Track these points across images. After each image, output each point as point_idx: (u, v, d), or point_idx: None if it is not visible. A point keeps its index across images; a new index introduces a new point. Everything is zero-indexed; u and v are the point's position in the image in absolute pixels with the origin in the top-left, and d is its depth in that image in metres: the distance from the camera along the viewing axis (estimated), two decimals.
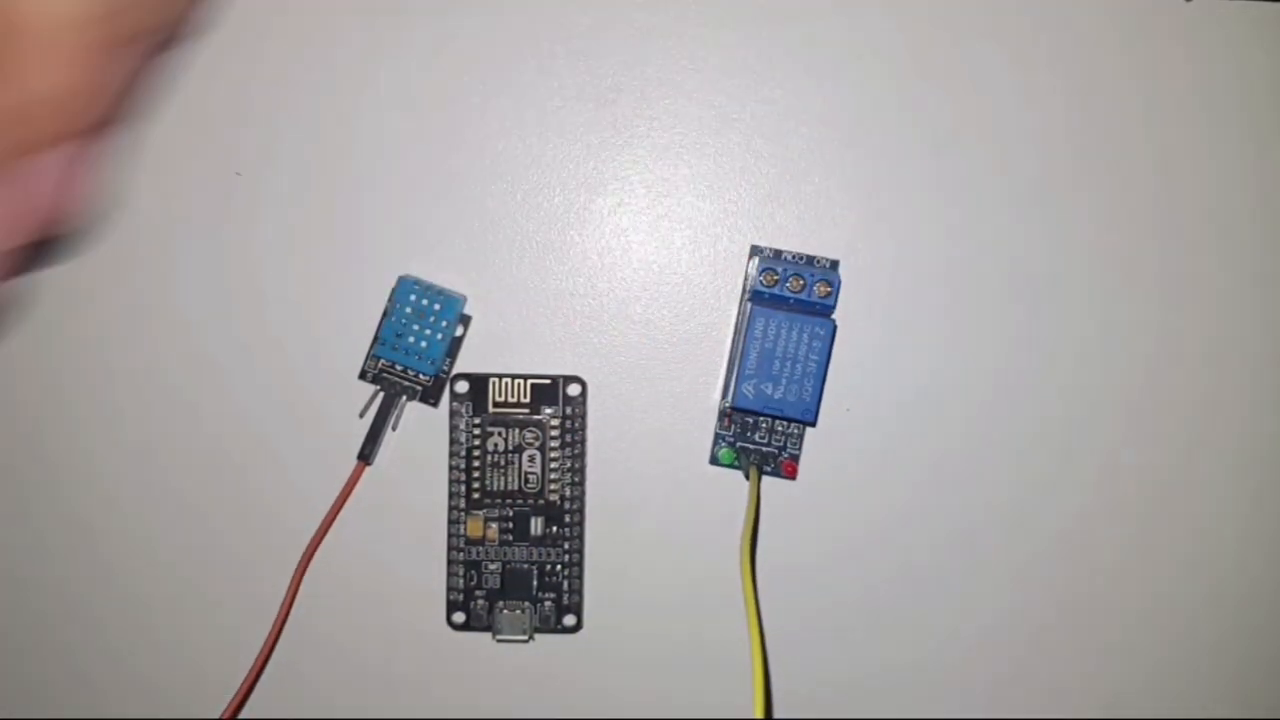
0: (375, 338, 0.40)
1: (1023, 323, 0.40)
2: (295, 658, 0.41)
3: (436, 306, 0.39)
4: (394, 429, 0.40)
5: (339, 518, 0.40)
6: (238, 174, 0.40)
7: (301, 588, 0.40)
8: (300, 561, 0.39)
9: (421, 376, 0.40)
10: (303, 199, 0.40)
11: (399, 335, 0.39)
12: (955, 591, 0.41)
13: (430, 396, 0.40)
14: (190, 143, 0.40)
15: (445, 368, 0.40)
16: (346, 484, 0.39)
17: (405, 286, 0.39)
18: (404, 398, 0.40)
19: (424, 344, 0.39)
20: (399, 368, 0.40)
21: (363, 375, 0.40)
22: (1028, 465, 0.41)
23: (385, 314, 0.39)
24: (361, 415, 0.40)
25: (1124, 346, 0.40)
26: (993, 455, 0.41)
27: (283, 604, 0.39)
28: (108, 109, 0.27)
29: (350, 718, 0.41)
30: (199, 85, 0.40)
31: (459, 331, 0.40)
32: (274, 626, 0.39)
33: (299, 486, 0.40)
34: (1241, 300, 0.40)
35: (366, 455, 0.40)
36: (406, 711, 0.41)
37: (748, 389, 0.38)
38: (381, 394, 0.40)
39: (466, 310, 0.40)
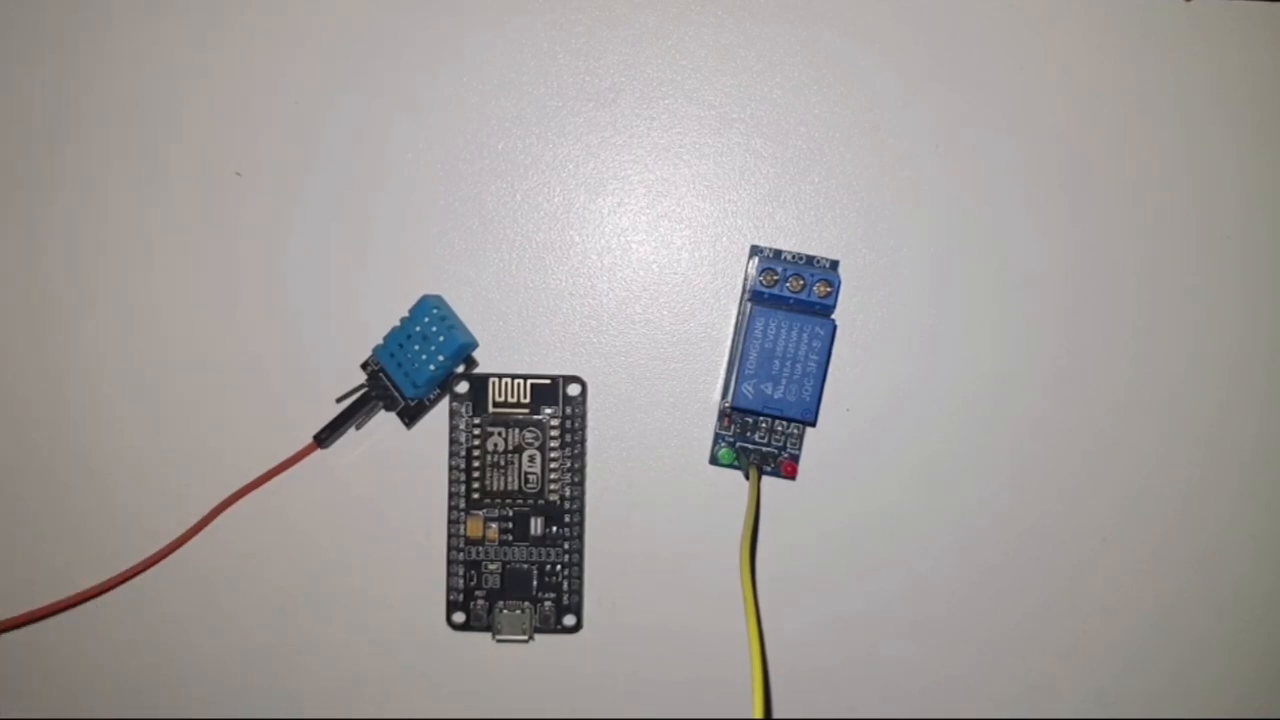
0: (385, 337, 0.39)
1: (1023, 323, 0.40)
2: (296, 657, 0.41)
3: (441, 338, 0.38)
4: (357, 428, 0.40)
5: (337, 513, 0.40)
6: (237, 174, 0.40)
7: (300, 586, 0.40)
8: (213, 509, 0.39)
9: (405, 394, 0.39)
10: (301, 198, 0.40)
11: (400, 346, 0.39)
12: (954, 591, 0.41)
13: (407, 415, 0.40)
14: (190, 143, 0.40)
15: (430, 396, 0.40)
16: (291, 458, 0.39)
17: (424, 305, 0.39)
18: (381, 405, 0.40)
19: (415, 366, 0.38)
20: (389, 374, 0.39)
21: (364, 365, 0.40)
22: (1026, 465, 0.41)
23: (403, 320, 0.39)
24: (338, 400, 0.40)
25: (1124, 346, 0.40)
26: (992, 455, 0.41)
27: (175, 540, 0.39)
28: None
29: (351, 718, 0.41)
30: (200, 85, 0.40)
31: (459, 369, 0.40)
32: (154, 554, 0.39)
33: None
34: (1240, 300, 0.40)
35: (322, 440, 0.39)
36: (406, 711, 0.41)
37: (748, 389, 0.38)
38: (365, 390, 0.39)
39: (477, 354, 0.40)
